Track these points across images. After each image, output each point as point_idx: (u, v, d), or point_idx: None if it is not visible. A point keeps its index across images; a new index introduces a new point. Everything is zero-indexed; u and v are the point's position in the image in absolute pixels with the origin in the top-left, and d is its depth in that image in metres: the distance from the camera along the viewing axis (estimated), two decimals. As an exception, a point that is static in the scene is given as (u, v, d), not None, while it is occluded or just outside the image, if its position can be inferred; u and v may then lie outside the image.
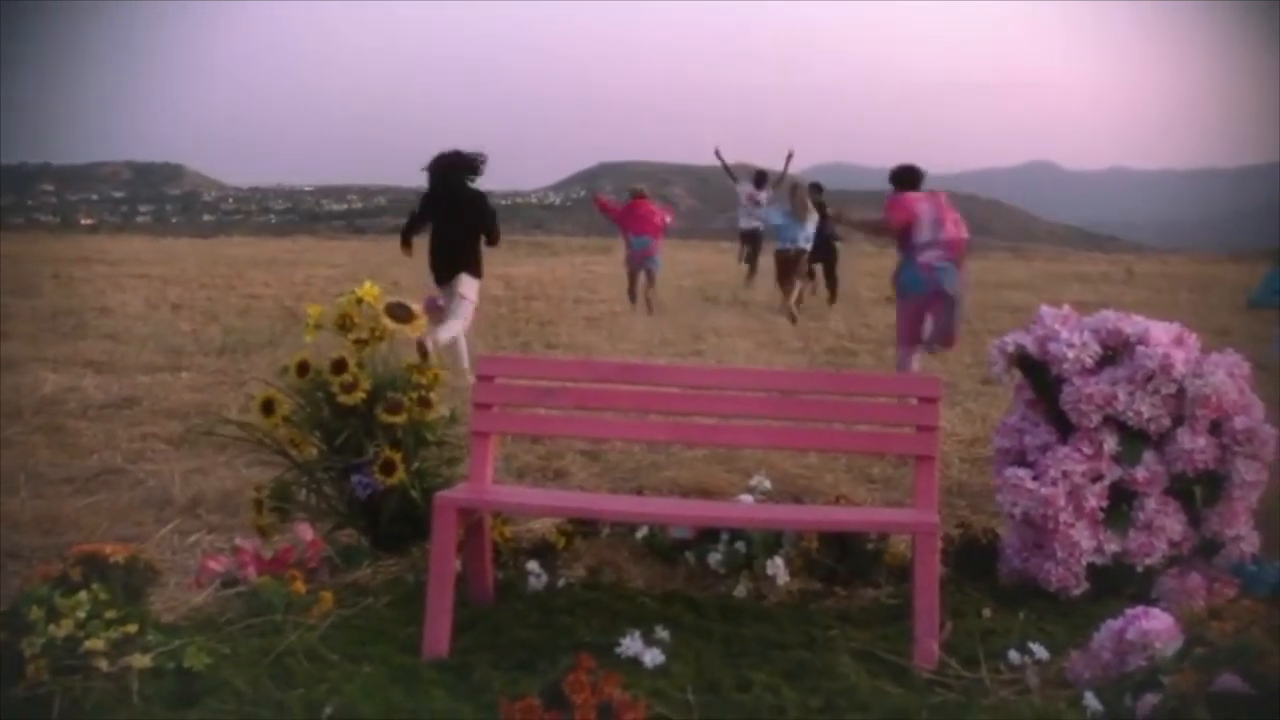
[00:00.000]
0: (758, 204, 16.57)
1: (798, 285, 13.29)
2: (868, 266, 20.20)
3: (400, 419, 3.81)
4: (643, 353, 10.33)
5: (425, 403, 3.89)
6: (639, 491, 4.45)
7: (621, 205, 14.48)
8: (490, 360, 3.66)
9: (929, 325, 7.69)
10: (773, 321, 12.74)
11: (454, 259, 8.44)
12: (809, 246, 13.32)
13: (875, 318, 13.05)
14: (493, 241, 8.62)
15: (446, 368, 4.34)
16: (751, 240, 17.58)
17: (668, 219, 14.54)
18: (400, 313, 3.86)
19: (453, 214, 8.37)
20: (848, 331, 11.87)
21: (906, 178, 7.69)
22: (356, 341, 3.86)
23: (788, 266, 13.23)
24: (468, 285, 8.49)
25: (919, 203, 7.48)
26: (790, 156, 16.30)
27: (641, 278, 13.80)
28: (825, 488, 5.15)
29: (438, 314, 8.59)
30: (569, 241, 28.86)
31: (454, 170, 8.38)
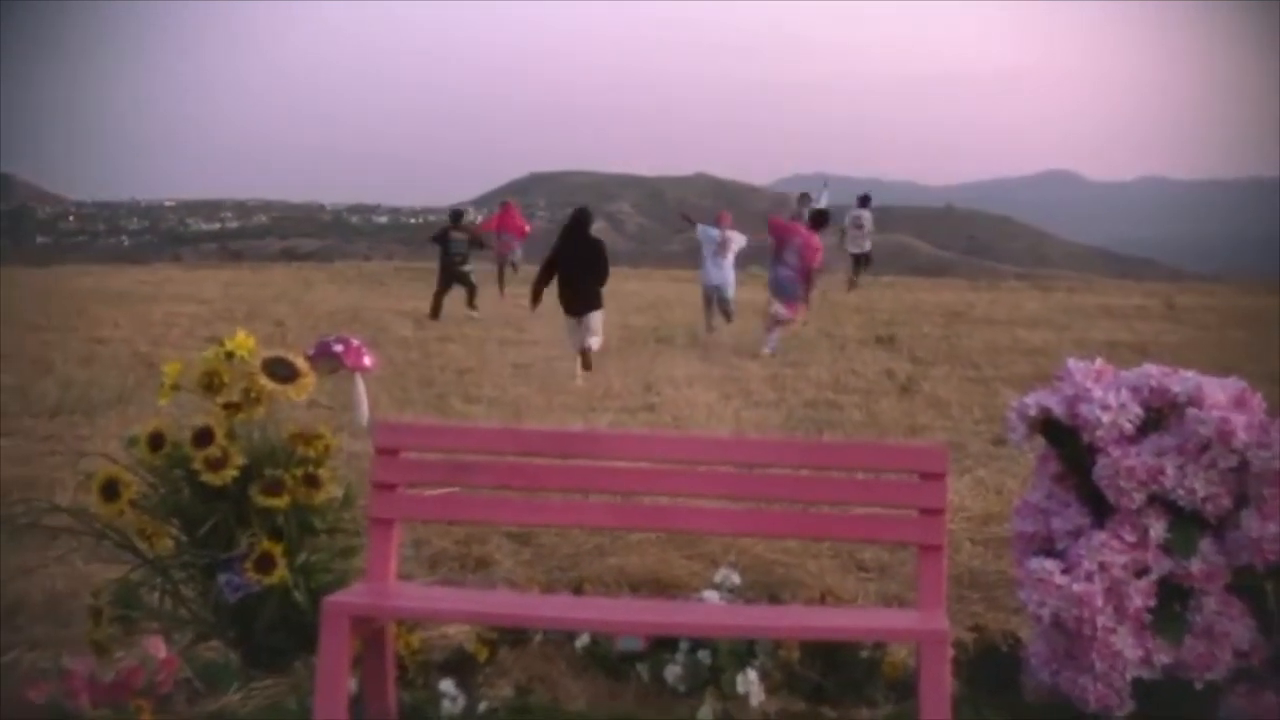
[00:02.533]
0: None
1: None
2: (853, 302, 20.45)
3: (281, 502, 3.74)
4: (583, 407, 10.32)
5: (313, 481, 3.81)
6: (579, 588, 4.38)
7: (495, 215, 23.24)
8: (393, 428, 3.58)
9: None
10: (739, 367, 12.80)
11: (587, 298, 12.46)
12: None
13: (863, 362, 13.17)
14: (601, 283, 12.64)
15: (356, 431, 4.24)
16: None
17: (526, 229, 23.71)
18: (281, 370, 3.78)
19: (581, 261, 12.51)
20: (831, 379, 11.95)
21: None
22: (226, 406, 3.78)
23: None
24: (597, 318, 12.55)
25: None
26: (826, 185, 22.60)
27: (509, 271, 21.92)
28: (807, 578, 5.14)
29: (331, 361, 8.68)
30: (492, 270, 28.67)
31: (583, 223, 12.83)
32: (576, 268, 12.49)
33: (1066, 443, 3.55)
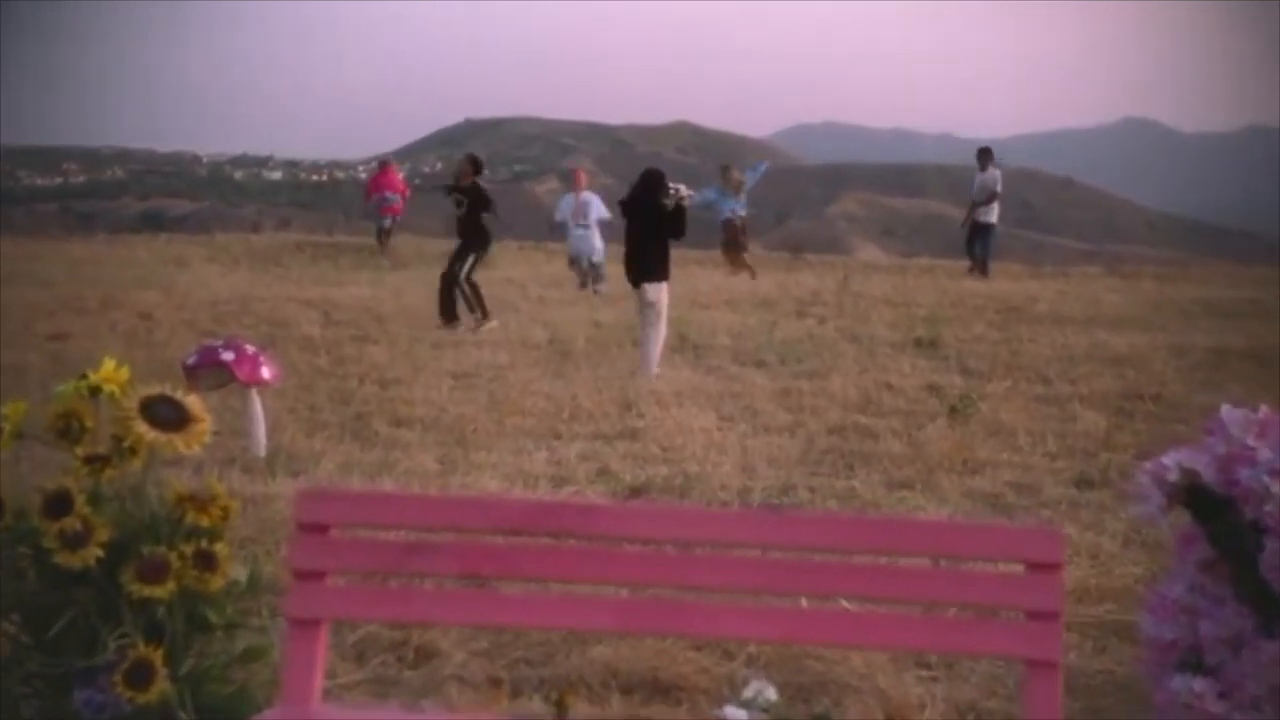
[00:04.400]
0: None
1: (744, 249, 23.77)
2: (880, 289, 20.40)
3: (163, 590, 3.60)
4: (544, 432, 10.23)
5: (207, 560, 3.67)
6: (560, 703, 4.21)
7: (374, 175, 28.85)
8: (320, 497, 3.40)
9: None
10: (741, 379, 12.69)
11: (645, 265, 13.61)
12: (744, 214, 23.78)
13: (900, 373, 13.07)
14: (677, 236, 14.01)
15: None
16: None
17: (406, 191, 29.18)
18: (166, 412, 3.62)
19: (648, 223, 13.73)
20: (860, 396, 11.82)
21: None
22: (89, 460, 3.65)
23: (733, 232, 23.88)
24: (655, 290, 13.48)
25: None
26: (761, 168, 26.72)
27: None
28: (853, 678, 5.06)
29: (218, 373, 8.68)
30: (423, 245, 28.67)
31: (655, 187, 13.83)
32: (639, 235, 13.83)
33: (1220, 519, 3.41)
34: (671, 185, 13.99)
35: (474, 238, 17.21)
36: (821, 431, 10.45)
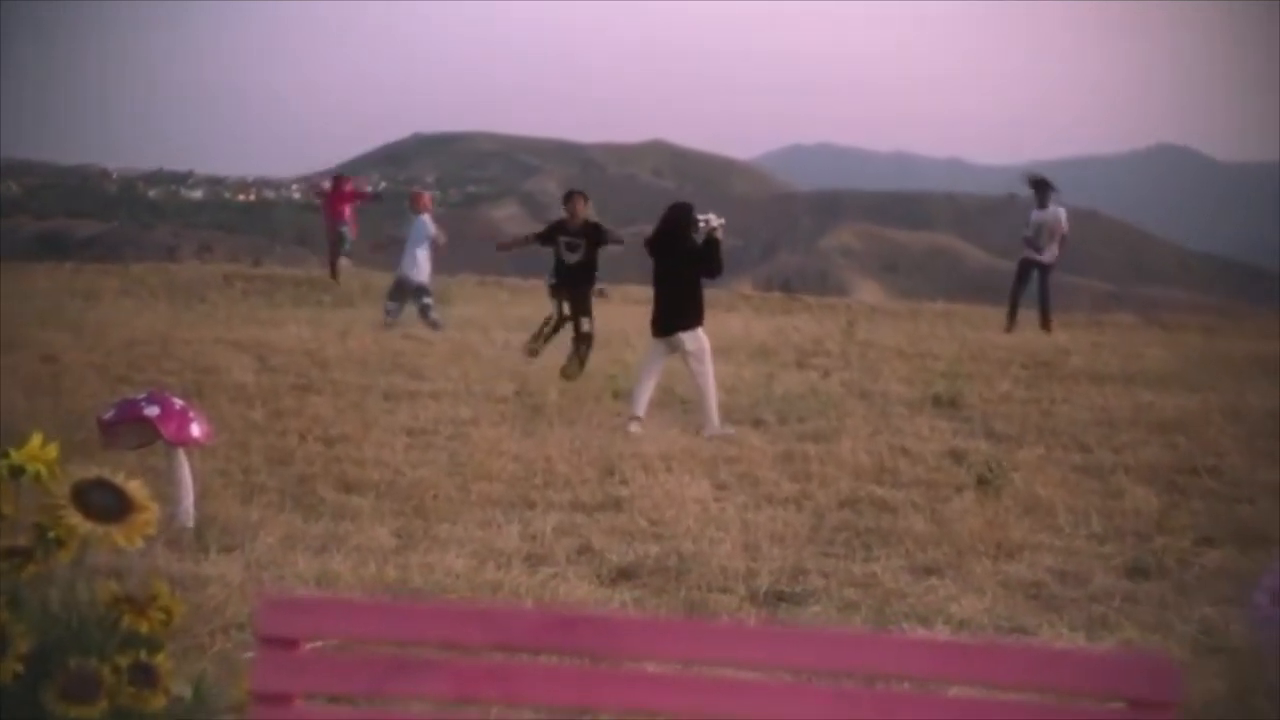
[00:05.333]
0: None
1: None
2: (891, 337, 20.34)
3: (94, 711, 3.50)
4: (515, 500, 10.22)
5: (146, 675, 3.57)
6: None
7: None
8: (288, 607, 3.25)
9: None
10: (736, 440, 12.68)
11: (678, 310, 13.97)
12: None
13: (918, 436, 12.98)
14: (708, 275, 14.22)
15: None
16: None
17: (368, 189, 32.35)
18: (103, 500, 3.49)
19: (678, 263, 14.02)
20: (872, 463, 11.70)
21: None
22: (7, 555, 3.57)
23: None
24: (693, 338, 13.83)
25: None
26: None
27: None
28: None
29: (141, 430, 8.62)
30: (370, 279, 28.54)
31: (684, 222, 14.08)
32: (666, 272, 14.18)
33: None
34: (700, 216, 14.01)
35: (590, 284, 16.95)
36: (832, 504, 10.35)
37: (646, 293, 16.99)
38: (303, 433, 12.27)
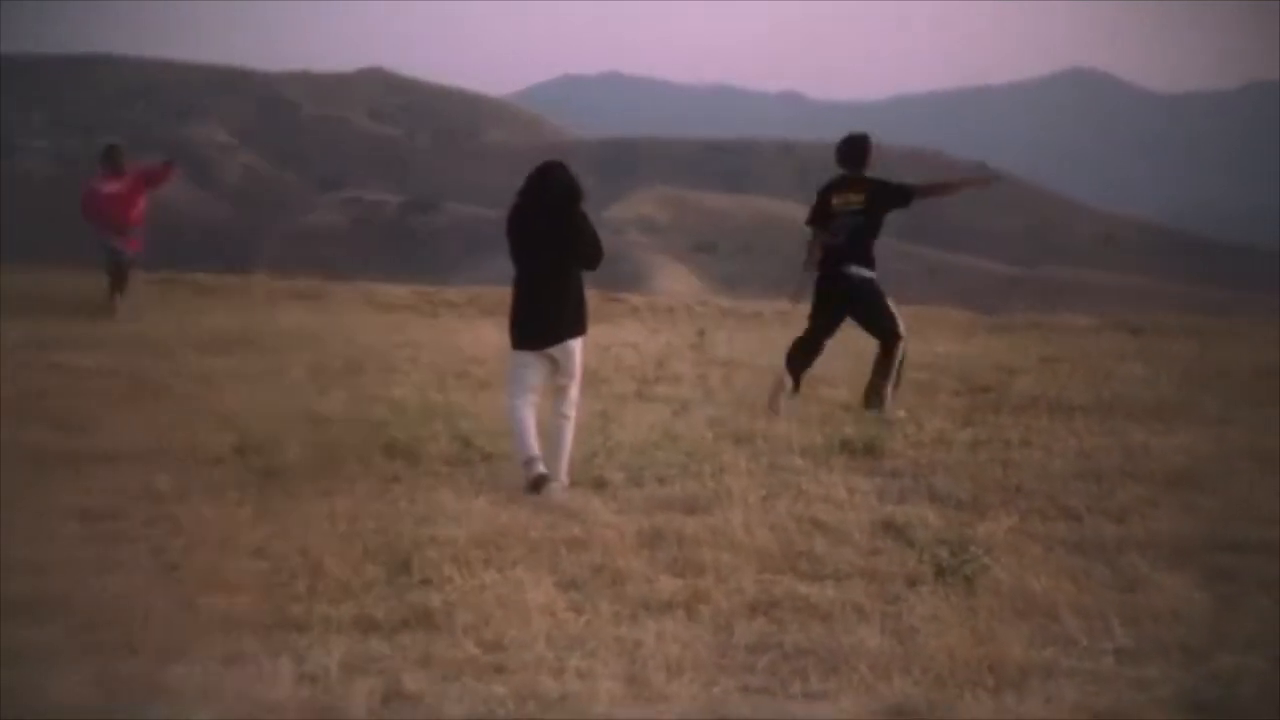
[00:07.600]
0: None
1: None
2: (758, 351, 19.83)
3: None
4: (272, 621, 9.39)
5: None
6: None
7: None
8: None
9: None
10: (574, 512, 12.07)
11: (559, 315, 13.47)
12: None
13: (831, 498, 12.51)
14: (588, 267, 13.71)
15: None
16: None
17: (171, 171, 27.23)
18: None
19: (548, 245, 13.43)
20: (781, 545, 11.13)
21: None
22: None
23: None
24: (578, 348, 13.66)
25: None
26: None
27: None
28: None
29: None
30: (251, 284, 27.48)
31: (557, 188, 13.40)
32: (539, 260, 13.54)
33: None
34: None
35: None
36: (738, 609, 9.73)
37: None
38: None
